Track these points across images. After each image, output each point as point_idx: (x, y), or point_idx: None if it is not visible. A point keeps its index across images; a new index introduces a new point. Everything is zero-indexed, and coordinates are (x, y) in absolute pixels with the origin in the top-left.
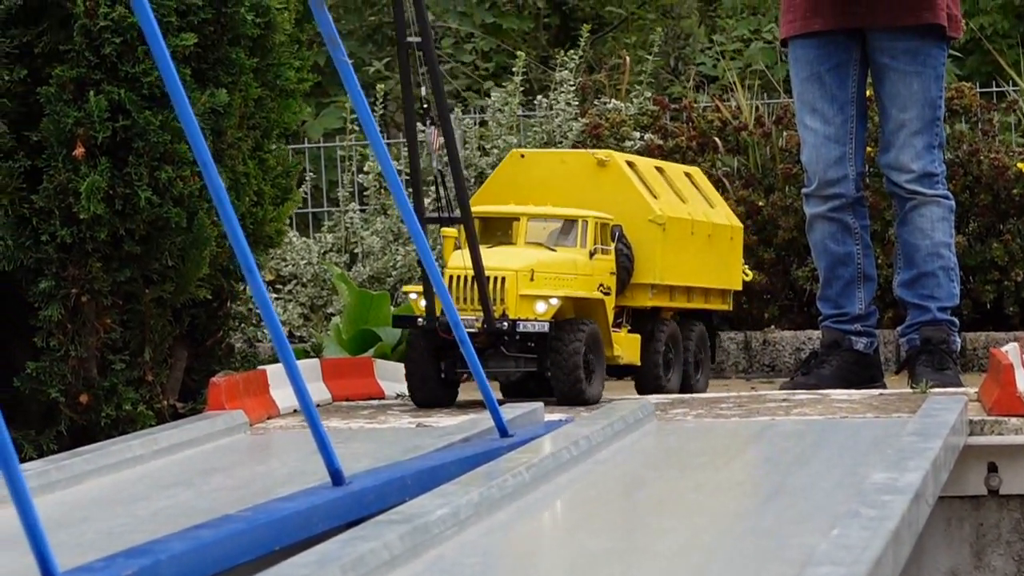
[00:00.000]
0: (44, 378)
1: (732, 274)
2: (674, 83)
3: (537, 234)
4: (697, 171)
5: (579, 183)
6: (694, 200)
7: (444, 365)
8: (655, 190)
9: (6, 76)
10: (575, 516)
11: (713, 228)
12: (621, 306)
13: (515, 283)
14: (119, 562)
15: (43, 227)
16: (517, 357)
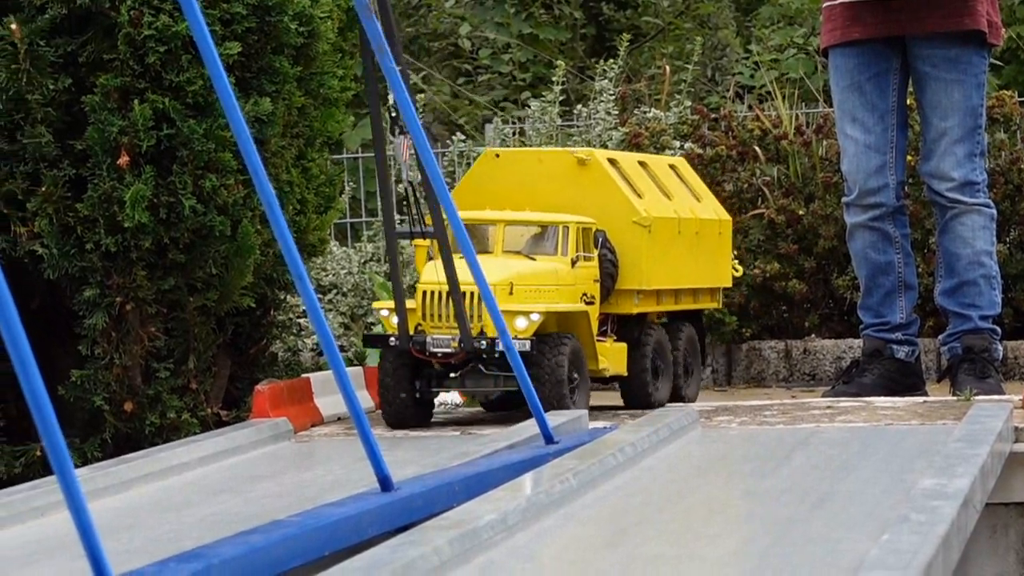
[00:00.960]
0: (89, 386)
1: (721, 271)
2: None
3: (515, 241)
4: (682, 162)
5: (558, 184)
6: (680, 195)
7: (419, 384)
8: (639, 188)
9: (51, 85)
10: (623, 522)
11: (700, 224)
12: (605, 313)
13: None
14: (171, 567)
15: (88, 236)
16: (496, 375)
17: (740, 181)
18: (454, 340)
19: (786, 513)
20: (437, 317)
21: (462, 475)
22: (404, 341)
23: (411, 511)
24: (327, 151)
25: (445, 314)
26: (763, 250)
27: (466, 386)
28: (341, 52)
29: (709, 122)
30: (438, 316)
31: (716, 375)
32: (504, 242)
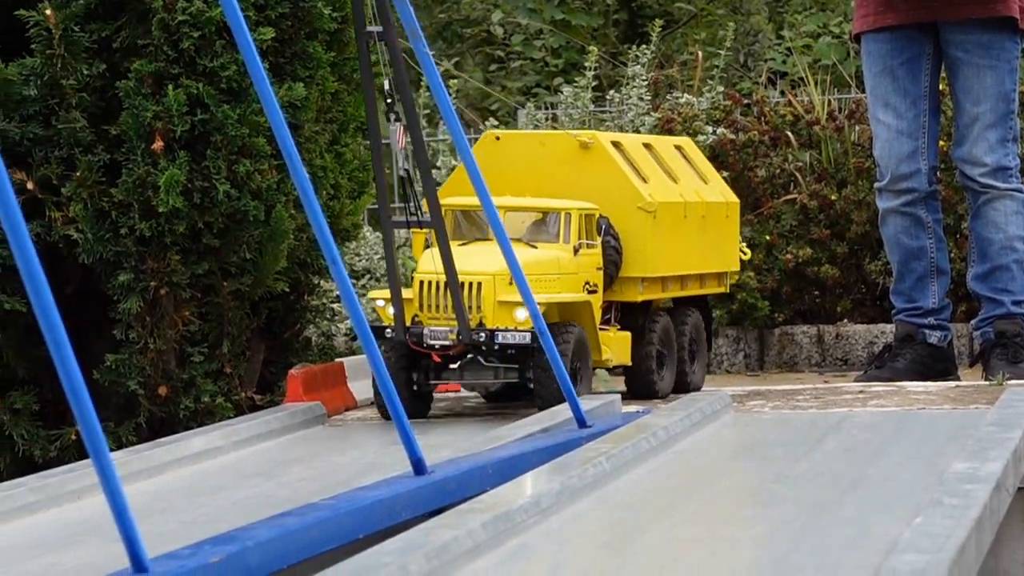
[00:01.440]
0: (123, 370)
1: (729, 255)
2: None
3: (515, 228)
4: (688, 142)
5: (560, 168)
6: (686, 178)
7: (416, 376)
8: (644, 172)
9: (85, 71)
10: (656, 505)
11: (707, 208)
12: (609, 301)
13: (492, 288)
14: (206, 549)
15: (122, 220)
16: (496, 367)
17: (772, 166)
18: (452, 332)
19: (819, 496)
20: (435, 308)
21: (495, 458)
22: (400, 333)
23: (445, 494)
24: (360, 136)
25: (443, 305)
26: (795, 235)
27: (464, 378)
28: None
29: (741, 107)
30: (436, 307)
31: (748, 360)
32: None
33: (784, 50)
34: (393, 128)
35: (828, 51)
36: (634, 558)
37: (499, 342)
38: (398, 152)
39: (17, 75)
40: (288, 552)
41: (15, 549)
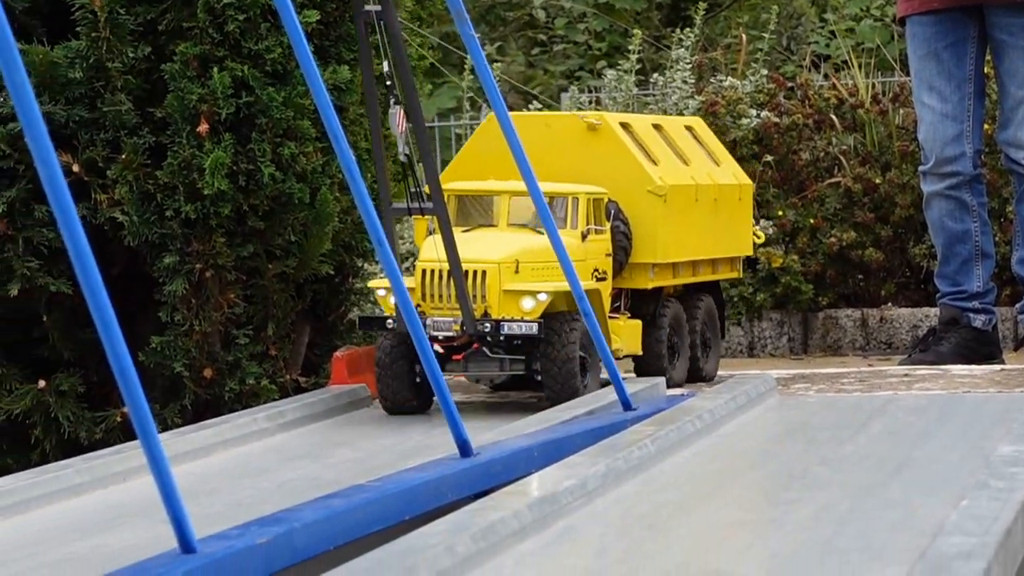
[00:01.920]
0: (168, 352)
1: (742, 239)
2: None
3: (521, 213)
4: (699, 122)
5: (567, 150)
6: (697, 160)
7: (419, 368)
8: (654, 154)
9: (131, 53)
10: (702, 488)
11: (719, 190)
12: (618, 288)
13: (497, 277)
14: (253, 530)
15: (167, 203)
16: (502, 358)
17: (816, 150)
18: (456, 323)
19: (864, 479)
20: (437, 297)
21: (541, 441)
22: (402, 323)
23: (490, 476)
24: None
25: (446, 294)
26: (839, 219)
27: (469, 370)
28: (419, 20)
29: (785, 91)
30: (438, 296)
31: (792, 343)
32: (509, 215)
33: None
34: (393, 111)
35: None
36: (679, 541)
37: (505, 333)
38: (398, 136)
39: (63, 58)
40: (335, 533)
41: (61, 531)
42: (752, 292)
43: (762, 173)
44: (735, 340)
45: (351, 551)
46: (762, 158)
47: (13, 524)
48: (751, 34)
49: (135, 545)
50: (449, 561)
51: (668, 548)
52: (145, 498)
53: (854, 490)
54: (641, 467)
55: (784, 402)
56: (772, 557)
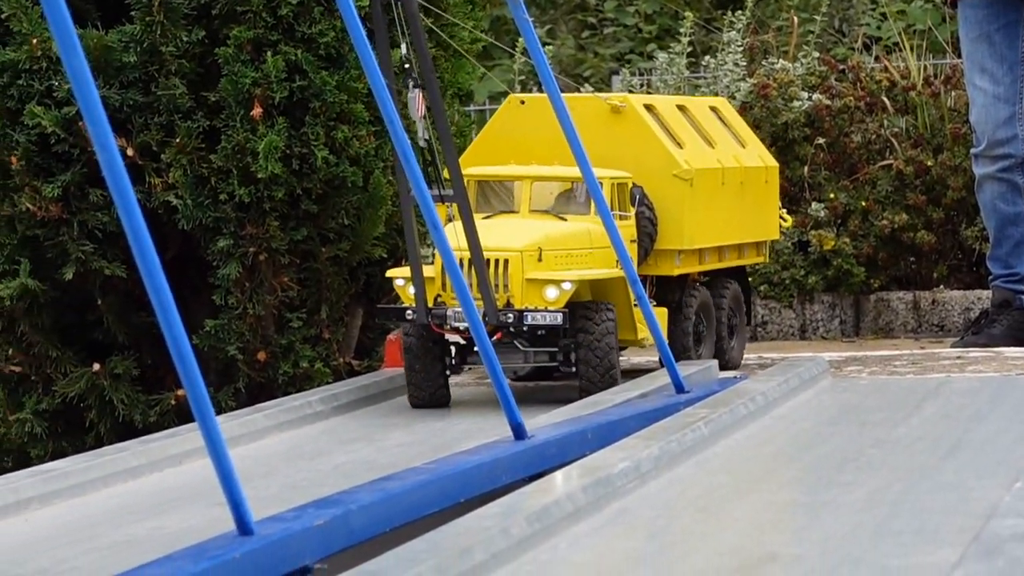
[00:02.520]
0: (223, 335)
1: (769, 223)
2: (838, 44)
3: (543, 199)
4: (723, 103)
5: (590, 134)
6: (723, 142)
7: (448, 360)
8: (679, 137)
9: (184, 37)
10: (755, 470)
11: (745, 173)
12: (643, 275)
13: (520, 266)
14: (310, 512)
15: (221, 186)
16: (526, 350)
17: (868, 132)
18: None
19: (918, 461)
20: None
21: (594, 423)
22: (422, 315)
23: (544, 459)
24: (458, 102)
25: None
26: (891, 201)
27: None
28: (471, 3)
29: (837, 73)
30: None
31: (844, 326)
32: (531, 200)
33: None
34: (412, 95)
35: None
36: (733, 523)
37: (529, 323)
38: (418, 121)
39: (117, 42)
40: (391, 515)
41: (119, 513)
42: (804, 275)
43: (814, 156)
44: (786, 323)
45: (407, 533)
46: (814, 141)
47: (71, 506)
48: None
49: (192, 528)
50: (504, 543)
51: (722, 530)
52: (200, 481)
53: (907, 472)
54: (694, 449)
55: (837, 384)
56: (826, 539)
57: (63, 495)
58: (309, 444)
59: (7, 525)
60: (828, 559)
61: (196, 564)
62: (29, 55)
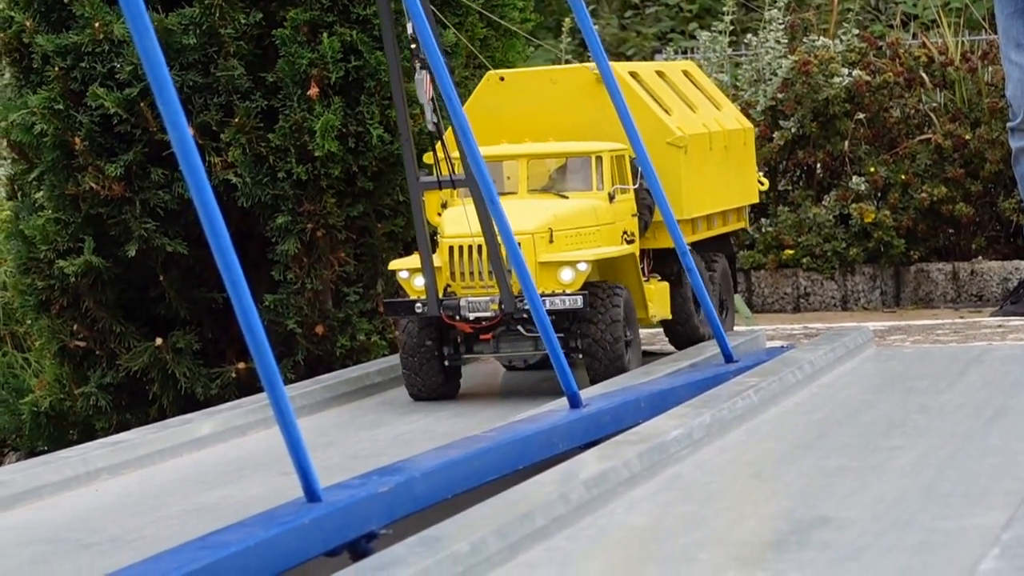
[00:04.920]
0: (281, 310)
1: (749, 187)
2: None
3: (539, 177)
4: (692, 65)
5: (576, 106)
6: (702, 105)
7: (447, 350)
8: (665, 104)
9: (242, 19)
10: (805, 436)
11: (728, 137)
12: (643, 250)
13: (532, 248)
14: (374, 480)
15: (279, 164)
16: (536, 337)
17: (907, 107)
18: (493, 302)
19: (963, 427)
20: (468, 276)
21: (647, 392)
22: (434, 307)
23: (599, 426)
24: None
25: (477, 272)
26: (930, 174)
27: (501, 351)
28: None
29: (876, 50)
30: (470, 274)
31: (884, 296)
32: (528, 180)
33: None
34: (419, 76)
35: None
36: (785, 488)
37: (547, 308)
38: (425, 104)
39: (177, 24)
40: (452, 482)
41: (187, 482)
42: (845, 247)
43: (854, 131)
44: (828, 294)
45: (468, 499)
46: (854, 116)
47: (139, 476)
48: None
49: (258, 496)
50: (564, 508)
51: (774, 495)
52: (263, 451)
53: (953, 437)
54: (745, 417)
55: (881, 353)
56: (877, 502)
57: (132, 465)
58: (369, 415)
59: (78, 495)
60: (879, 522)
61: (267, 530)
62: (91, 38)
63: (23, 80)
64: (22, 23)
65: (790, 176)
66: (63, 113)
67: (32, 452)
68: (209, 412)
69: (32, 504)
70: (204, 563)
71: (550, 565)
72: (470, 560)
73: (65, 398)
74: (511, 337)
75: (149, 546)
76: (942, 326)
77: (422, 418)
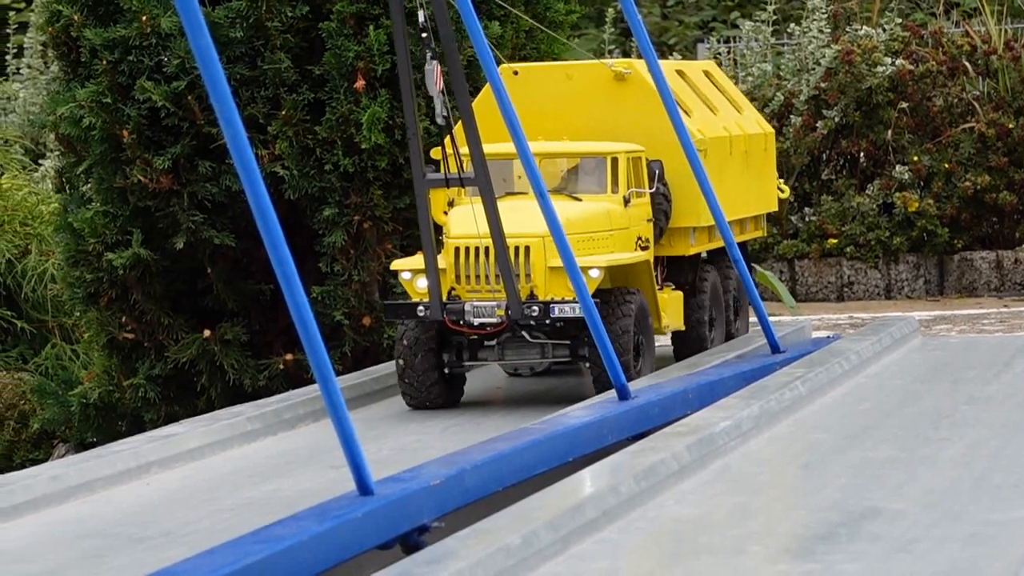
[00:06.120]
0: (329, 301)
1: (769, 194)
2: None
3: (551, 178)
4: (713, 66)
5: (592, 104)
6: (723, 107)
7: (447, 357)
8: (685, 105)
9: (289, 12)
10: (852, 427)
11: (748, 141)
12: (657, 257)
13: (542, 252)
14: (426, 472)
15: (326, 157)
16: (543, 344)
17: (950, 96)
18: (499, 307)
19: (1012, 418)
20: (475, 279)
21: (695, 384)
22: (437, 311)
23: (648, 418)
24: None
25: (483, 275)
26: (974, 163)
27: (506, 358)
28: None
29: (918, 39)
30: (475, 277)
31: (928, 285)
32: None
33: None
34: (429, 68)
35: None
36: (834, 479)
37: (555, 316)
38: (435, 96)
39: (224, 18)
40: (503, 474)
41: (237, 476)
42: (889, 236)
43: (897, 120)
44: (872, 283)
45: (519, 492)
46: (897, 105)
47: (190, 470)
48: None
49: (308, 490)
50: (614, 500)
51: (824, 486)
52: (312, 444)
53: (1002, 428)
54: (793, 408)
55: (927, 343)
56: (927, 493)
57: (182, 459)
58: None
59: (129, 489)
60: (929, 514)
61: (320, 524)
62: (139, 31)
63: (71, 74)
64: (70, 17)
65: (833, 165)
66: (111, 106)
67: (81, 443)
68: (258, 405)
69: (85, 498)
70: (258, 557)
71: (601, 558)
72: (522, 553)
73: (114, 390)
74: (517, 344)
75: (202, 540)
76: (987, 315)
77: (471, 410)
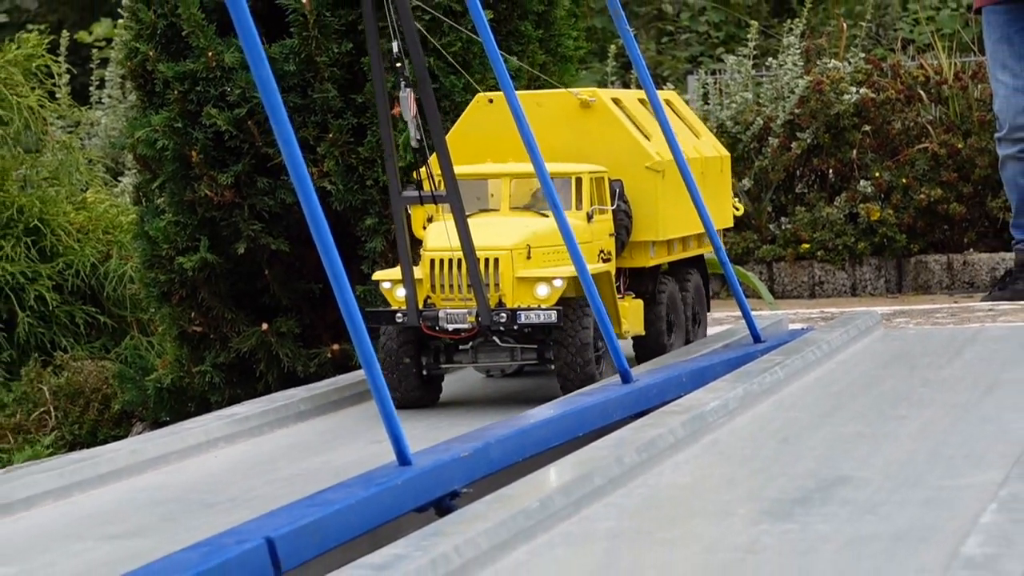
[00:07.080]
0: (370, 299)
1: (724, 211)
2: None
3: (521, 196)
4: (674, 95)
5: (560, 129)
6: (682, 133)
7: (425, 360)
8: (645, 130)
9: (335, 49)
10: (825, 407)
11: (705, 163)
12: (619, 268)
13: (510, 263)
14: (456, 446)
15: (367, 174)
16: (512, 348)
17: (907, 120)
18: (470, 314)
19: (961, 398)
20: (448, 288)
21: (688, 369)
22: (414, 317)
23: (647, 399)
24: None
25: (456, 284)
26: (928, 178)
27: (479, 361)
28: (575, 16)
29: (879, 70)
30: (449, 287)
31: (888, 284)
32: (511, 198)
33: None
34: (403, 94)
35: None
36: (809, 451)
37: (522, 322)
38: (409, 121)
39: (279, 53)
40: (523, 447)
41: (292, 449)
42: (854, 241)
43: (861, 140)
44: (839, 282)
45: (537, 462)
46: (861, 128)
47: (252, 444)
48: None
49: (354, 461)
50: (618, 470)
51: (800, 458)
52: (356, 422)
53: (953, 408)
54: (773, 390)
55: (888, 334)
56: (889, 464)
57: (245, 435)
58: (446, 390)
59: (200, 461)
60: (892, 481)
61: (366, 489)
62: (205, 65)
63: (147, 102)
64: (146, 53)
65: (806, 180)
66: (181, 130)
67: (156, 422)
68: (309, 388)
69: (161, 469)
70: (313, 518)
71: (608, 519)
72: (539, 515)
73: (184, 376)
74: (488, 348)
75: (263, 504)
76: (940, 310)
77: (493, 395)
